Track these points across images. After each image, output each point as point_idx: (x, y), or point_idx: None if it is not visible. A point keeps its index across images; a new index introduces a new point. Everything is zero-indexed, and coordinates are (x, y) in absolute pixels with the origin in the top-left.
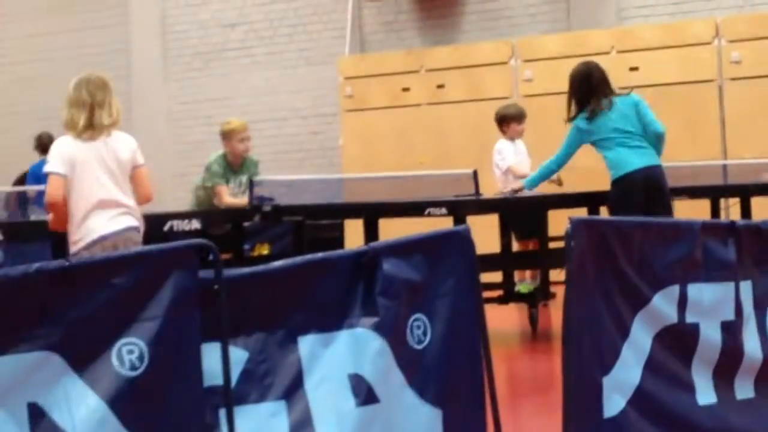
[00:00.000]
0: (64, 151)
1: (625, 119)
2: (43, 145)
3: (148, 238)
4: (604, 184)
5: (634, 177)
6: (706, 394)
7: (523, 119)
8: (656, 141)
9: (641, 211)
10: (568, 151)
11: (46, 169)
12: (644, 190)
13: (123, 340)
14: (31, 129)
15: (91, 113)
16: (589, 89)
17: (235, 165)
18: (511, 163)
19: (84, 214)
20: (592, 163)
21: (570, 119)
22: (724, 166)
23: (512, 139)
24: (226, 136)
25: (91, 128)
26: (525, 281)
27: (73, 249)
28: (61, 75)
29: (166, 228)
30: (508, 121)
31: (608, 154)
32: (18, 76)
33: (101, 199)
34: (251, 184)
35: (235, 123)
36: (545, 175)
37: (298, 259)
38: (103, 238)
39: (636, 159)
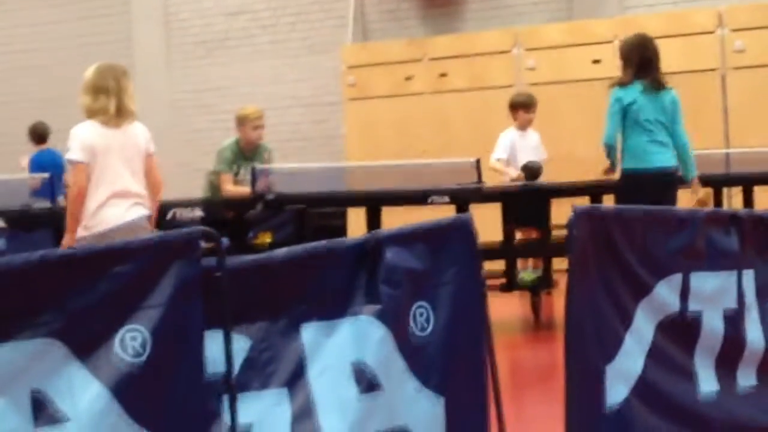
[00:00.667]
0: (87, 138)
1: (664, 111)
2: (38, 134)
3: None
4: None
5: (649, 178)
6: (708, 383)
7: (531, 107)
8: (678, 150)
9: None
10: (610, 124)
11: (70, 156)
12: (654, 191)
13: (126, 328)
14: (32, 118)
15: (119, 100)
16: (647, 61)
17: (247, 152)
18: (501, 157)
19: (101, 202)
20: (594, 153)
21: (620, 84)
22: (727, 155)
23: (522, 128)
24: (240, 122)
25: (120, 115)
26: (528, 269)
27: (82, 233)
28: (62, 64)
29: (168, 216)
30: (516, 108)
31: (629, 141)
32: (19, 65)
33: (120, 188)
34: (254, 173)
35: (249, 109)
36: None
37: (301, 247)
38: (117, 229)
39: (655, 156)
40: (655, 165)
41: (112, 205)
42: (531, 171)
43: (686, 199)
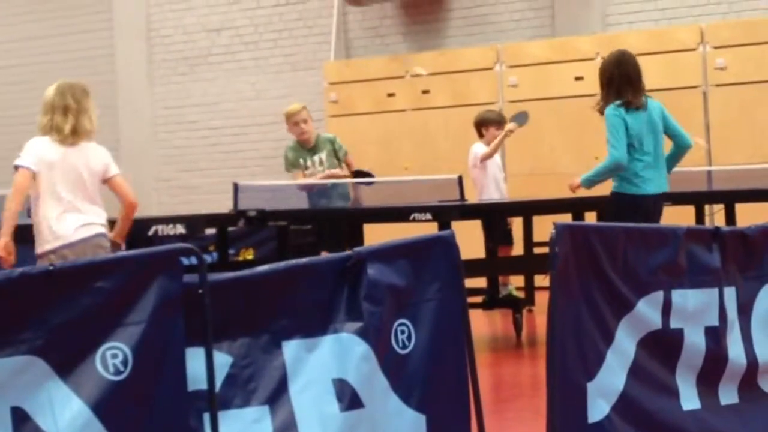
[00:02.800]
0: (40, 150)
1: (653, 127)
2: None
3: (132, 243)
4: (588, 190)
5: (642, 202)
6: (690, 400)
7: (502, 125)
8: (680, 152)
9: None
10: (622, 141)
11: (18, 162)
12: (646, 215)
13: (107, 345)
14: (14, 134)
15: (75, 119)
16: (626, 77)
17: (306, 146)
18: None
19: (54, 217)
20: (577, 169)
21: (602, 108)
22: (709, 173)
23: (488, 144)
24: (286, 121)
25: (75, 134)
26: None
27: (39, 251)
28: (45, 80)
29: (150, 232)
30: (488, 125)
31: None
32: (2, 81)
33: (70, 204)
34: (235, 188)
35: (290, 107)
36: (604, 174)
37: (283, 264)
38: (71, 245)
39: (651, 182)
40: (649, 191)
41: (64, 220)
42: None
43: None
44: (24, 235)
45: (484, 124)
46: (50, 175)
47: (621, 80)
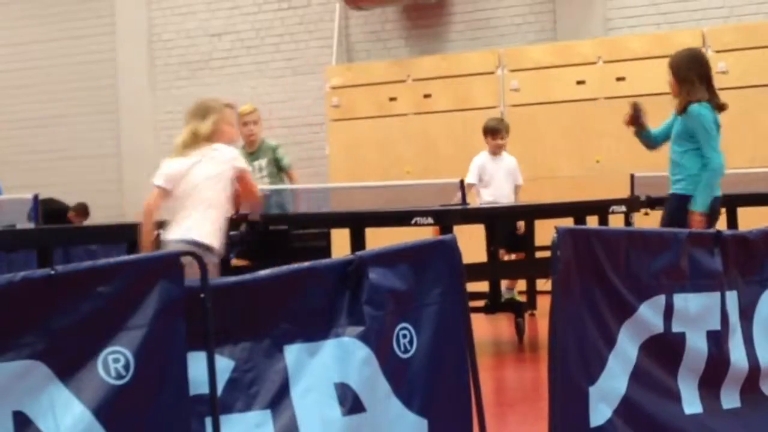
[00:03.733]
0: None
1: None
2: None
3: (133, 247)
4: (589, 193)
5: (715, 203)
6: (692, 404)
7: (498, 134)
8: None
9: None
10: (717, 145)
11: None
12: (714, 220)
13: (109, 349)
14: (16, 137)
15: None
16: (709, 77)
17: (249, 148)
18: (470, 182)
19: None
20: (577, 172)
21: (683, 109)
22: None
23: (493, 153)
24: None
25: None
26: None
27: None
28: (47, 84)
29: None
30: (485, 133)
31: (693, 165)
32: (3, 85)
33: None
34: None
35: (243, 107)
36: (713, 183)
37: (284, 268)
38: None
39: (718, 186)
40: (718, 194)
41: None
42: None
43: None
44: None
45: (483, 133)
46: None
47: (708, 79)
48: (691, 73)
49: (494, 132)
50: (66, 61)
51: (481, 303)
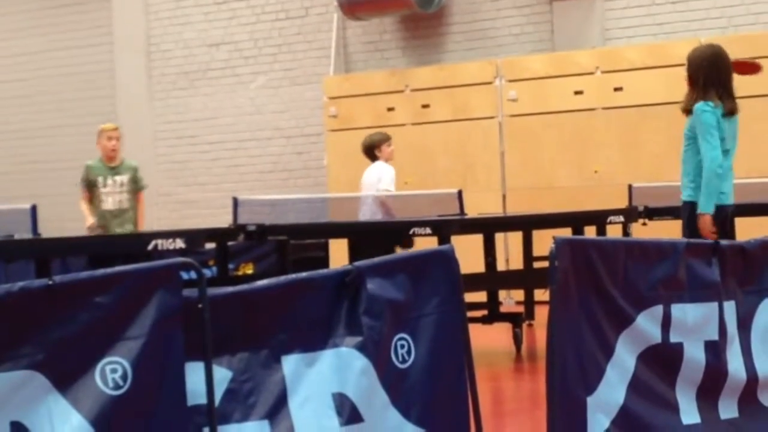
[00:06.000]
0: None
1: (733, 137)
2: None
3: (131, 257)
4: (587, 204)
5: (722, 213)
6: (690, 414)
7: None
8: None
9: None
10: (716, 143)
11: None
12: (724, 228)
13: (106, 359)
14: (13, 148)
15: None
16: (724, 77)
17: (110, 163)
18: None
19: None
20: (575, 182)
21: (688, 108)
22: None
23: (387, 162)
24: (99, 135)
25: None
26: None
27: None
28: (45, 95)
29: (150, 247)
30: (378, 144)
31: (691, 165)
32: (2, 96)
33: None
34: (235, 203)
35: (107, 124)
36: (712, 183)
37: (282, 278)
38: None
39: (728, 194)
40: (728, 202)
41: None
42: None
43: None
44: None
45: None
46: None
47: (720, 80)
48: (700, 73)
49: (387, 139)
50: (64, 72)
51: (479, 313)
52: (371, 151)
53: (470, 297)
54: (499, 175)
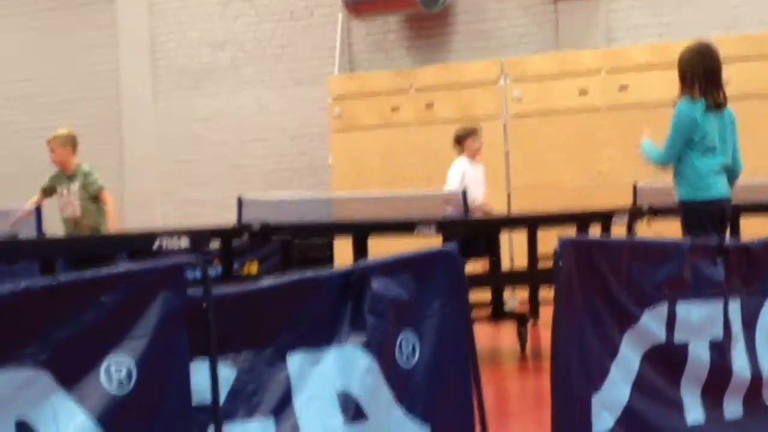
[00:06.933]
0: None
1: (726, 132)
2: None
3: (135, 256)
4: (592, 203)
5: (710, 207)
6: (694, 413)
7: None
8: (728, 177)
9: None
10: (674, 145)
11: None
12: (713, 223)
13: (111, 358)
14: (18, 149)
15: None
16: (709, 73)
17: (65, 172)
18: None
19: None
20: (580, 182)
21: (689, 96)
22: None
23: (472, 157)
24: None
25: None
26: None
27: None
28: (49, 95)
29: (154, 246)
30: (462, 139)
31: (687, 166)
32: (5, 96)
33: None
34: (239, 202)
35: (60, 131)
36: (649, 158)
37: (287, 277)
38: None
39: (715, 187)
40: (715, 195)
41: None
42: None
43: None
44: None
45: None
46: None
47: (706, 76)
48: (687, 68)
49: (473, 133)
50: (68, 72)
51: (483, 312)
52: (458, 146)
53: (474, 296)
54: (504, 175)
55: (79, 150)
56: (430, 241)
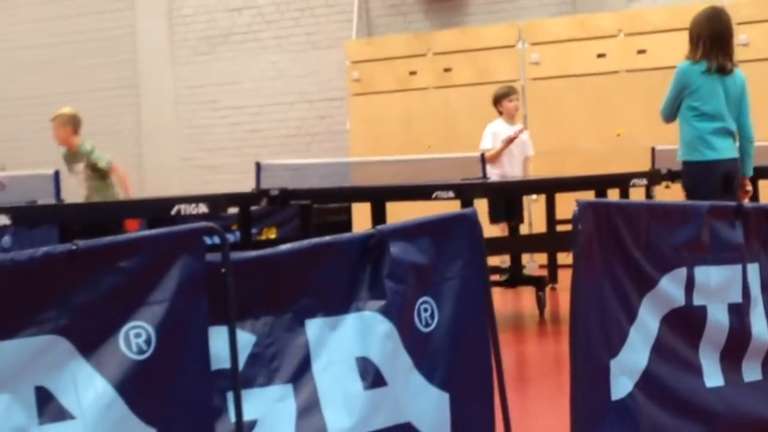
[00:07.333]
0: None
1: (733, 96)
2: None
3: (154, 222)
4: (610, 167)
5: (707, 170)
6: (713, 377)
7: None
8: (743, 142)
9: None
10: (668, 99)
11: None
12: (713, 186)
13: (130, 324)
14: (35, 114)
15: None
16: (716, 36)
17: (69, 151)
18: (486, 147)
19: None
20: (598, 146)
21: (690, 59)
22: None
23: (510, 118)
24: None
25: None
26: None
27: None
28: (66, 60)
29: (173, 212)
30: (499, 99)
31: (684, 129)
32: (22, 61)
33: None
34: (258, 167)
35: (63, 109)
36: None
37: (305, 242)
38: None
39: (718, 149)
40: (711, 157)
41: None
42: None
43: None
44: None
45: (497, 101)
46: None
47: (711, 39)
48: (694, 31)
49: (507, 94)
50: (85, 37)
51: (502, 277)
52: (496, 108)
53: (493, 261)
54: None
55: (96, 115)
56: (447, 205)
